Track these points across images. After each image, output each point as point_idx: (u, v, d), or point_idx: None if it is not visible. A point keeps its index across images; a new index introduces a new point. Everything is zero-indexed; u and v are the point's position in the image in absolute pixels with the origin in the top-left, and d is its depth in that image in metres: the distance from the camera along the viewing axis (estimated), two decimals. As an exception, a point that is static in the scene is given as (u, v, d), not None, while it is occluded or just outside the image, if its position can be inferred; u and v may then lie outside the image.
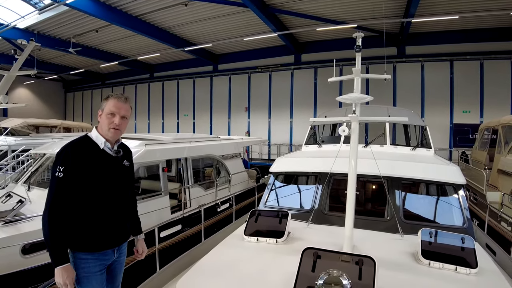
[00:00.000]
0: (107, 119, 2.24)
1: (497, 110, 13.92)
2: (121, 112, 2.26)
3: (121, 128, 2.29)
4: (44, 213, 2.06)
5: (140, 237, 2.64)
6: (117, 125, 2.24)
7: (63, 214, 2.06)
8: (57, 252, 2.02)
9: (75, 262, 2.14)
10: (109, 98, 2.28)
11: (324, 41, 17.32)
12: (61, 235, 2.05)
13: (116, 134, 2.29)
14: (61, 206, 2.06)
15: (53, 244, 2.02)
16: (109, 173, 2.27)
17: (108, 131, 2.24)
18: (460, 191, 3.53)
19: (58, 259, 2.02)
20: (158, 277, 3.42)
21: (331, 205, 3.83)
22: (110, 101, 2.26)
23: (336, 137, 6.21)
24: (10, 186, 6.02)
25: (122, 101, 2.28)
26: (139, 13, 14.41)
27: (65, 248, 2.07)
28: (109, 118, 2.23)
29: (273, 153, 19.23)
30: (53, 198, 2.06)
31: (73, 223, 2.13)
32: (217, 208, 6.43)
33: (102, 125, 2.27)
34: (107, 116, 2.24)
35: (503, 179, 6.91)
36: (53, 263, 2.01)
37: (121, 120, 2.26)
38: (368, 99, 2.94)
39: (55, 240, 2.03)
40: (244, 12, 13.70)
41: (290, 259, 2.43)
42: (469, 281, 2.39)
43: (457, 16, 12.00)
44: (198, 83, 22.56)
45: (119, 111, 2.25)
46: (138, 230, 2.65)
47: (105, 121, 2.24)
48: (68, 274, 2.03)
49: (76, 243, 2.15)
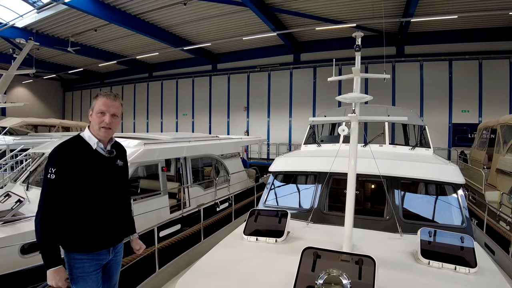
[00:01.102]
0: (97, 118, 2.21)
1: (495, 110, 13.97)
2: (111, 110, 2.23)
3: (112, 126, 2.25)
4: (36, 216, 2.05)
5: (133, 237, 2.64)
6: (108, 123, 2.21)
7: (55, 216, 2.05)
8: (49, 254, 2.02)
9: (69, 263, 2.14)
10: (98, 96, 2.25)
11: (323, 41, 17.33)
12: (53, 238, 2.04)
13: (108, 133, 2.26)
14: (53, 208, 2.05)
15: (45, 246, 2.02)
16: (102, 174, 2.24)
17: (99, 130, 2.22)
18: (459, 191, 3.54)
19: (50, 261, 2.02)
20: (158, 277, 3.41)
21: (330, 204, 3.83)
22: (99, 99, 2.23)
23: (335, 136, 6.20)
24: (8, 186, 6.00)
25: (111, 99, 2.24)
26: (138, 12, 14.39)
27: (57, 250, 2.06)
28: (99, 117, 2.21)
29: (272, 152, 19.23)
30: (45, 200, 2.05)
31: (67, 224, 2.12)
32: (216, 208, 6.43)
33: (93, 125, 2.24)
34: (97, 115, 2.21)
35: (502, 178, 6.92)
36: (45, 265, 2.01)
37: (111, 119, 2.23)
38: (367, 99, 2.94)
39: (47, 242, 2.02)
40: (243, 11, 13.69)
41: (289, 259, 2.42)
42: (468, 281, 2.39)
43: (456, 15, 12.00)
44: (197, 83, 22.54)
45: (109, 109, 2.22)
46: (132, 230, 2.64)
47: (95, 120, 2.21)
48: (60, 276, 2.03)
49: (71, 244, 2.14)
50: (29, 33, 15.41)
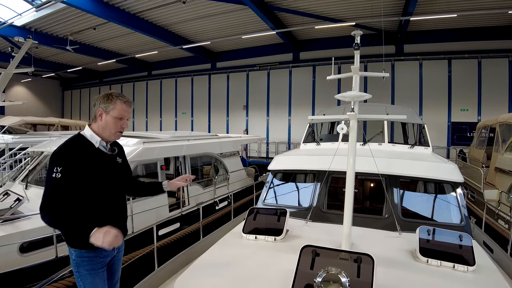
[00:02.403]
0: (115, 123, 2.24)
1: (494, 109, 13.99)
2: (127, 116, 2.31)
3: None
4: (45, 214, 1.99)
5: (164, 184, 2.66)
6: (124, 129, 2.31)
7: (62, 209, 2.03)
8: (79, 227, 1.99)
9: (76, 260, 2.15)
10: (116, 100, 2.21)
11: (322, 39, 17.31)
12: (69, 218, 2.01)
13: (120, 137, 2.37)
14: (59, 205, 2.03)
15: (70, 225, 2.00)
16: (106, 171, 2.27)
17: (114, 134, 2.28)
18: (457, 189, 3.54)
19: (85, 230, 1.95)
20: (157, 275, 3.41)
21: (329, 203, 3.84)
22: (118, 104, 2.22)
23: (334, 135, 6.20)
24: (7, 185, 6.00)
25: (129, 106, 2.30)
26: (137, 11, 14.35)
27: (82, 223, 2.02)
28: (117, 122, 2.25)
29: (271, 151, 19.24)
30: (51, 199, 2.02)
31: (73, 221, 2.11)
32: (215, 206, 6.44)
33: (106, 127, 2.23)
34: (115, 119, 2.23)
35: (501, 177, 6.94)
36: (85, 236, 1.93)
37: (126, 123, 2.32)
38: (366, 97, 2.94)
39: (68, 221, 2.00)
40: (242, 10, 13.67)
41: (288, 257, 2.43)
42: (467, 279, 2.40)
43: (456, 14, 11.99)
44: (196, 81, 22.51)
45: (127, 115, 2.29)
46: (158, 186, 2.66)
47: (112, 124, 2.23)
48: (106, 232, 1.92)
49: (77, 242, 2.14)
50: (28, 31, 15.35)
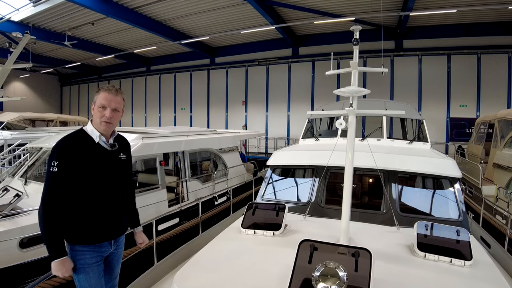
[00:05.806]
0: (99, 112, 2.24)
1: (493, 105, 14.00)
2: (112, 105, 2.25)
3: (112, 121, 2.27)
4: (40, 208, 2.08)
5: (137, 230, 2.65)
6: (108, 118, 2.23)
7: (58, 208, 2.08)
8: (53, 245, 2.05)
9: (71, 254, 2.17)
10: (100, 90, 2.27)
11: (321, 35, 17.25)
12: (57, 229, 2.07)
13: (108, 127, 2.28)
14: (56, 200, 2.07)
15: (49, 238, 2.05)
16: (104, 167, 2.27)
17: (100, 124, 2.25)
18: (456, 185, 3.56)
19: (54, 253, 2.04)
20: (156, 270, 3.43)
21: (328, 198, 3.85)
22: (101, 94, 2.25)
23: (333, 130, 6.20)
24: (6, 180, 6.00)
25: (113, 94, 2.26)
26: (136, 6, 14.26)
27: (61, 241, 2.09)
28: (100, 111, 2.23)
29: (270, 146, 19.26)
30: (48, 192, 2.07)
31: (69, 216, 2.14)
32: (214, 201, 6.46)
33: (95, 119, 2.27)
34: (98, 109, 2.24)
35: (499, 173, 6.96)
36: (50, 256, 2.04)
37: (112, 113, 2.25)
38: (365, 93, 2.93)
39: (51, 234, 2.05)
40: (241, 4, 13.60)
41: (287, 252, 2.44)
42: (464, 273, 2.42)
43: (455, 10, 11.97)
44: (195, 77, 22.44)
45: (110, 103, 2.24)
46: (136, 223, 2.66)
47: (97, 114, 2.25)
48: (66, 267, 2.06)
49: (73, 236, 2.17)
50: (26, 27, 15.26)
